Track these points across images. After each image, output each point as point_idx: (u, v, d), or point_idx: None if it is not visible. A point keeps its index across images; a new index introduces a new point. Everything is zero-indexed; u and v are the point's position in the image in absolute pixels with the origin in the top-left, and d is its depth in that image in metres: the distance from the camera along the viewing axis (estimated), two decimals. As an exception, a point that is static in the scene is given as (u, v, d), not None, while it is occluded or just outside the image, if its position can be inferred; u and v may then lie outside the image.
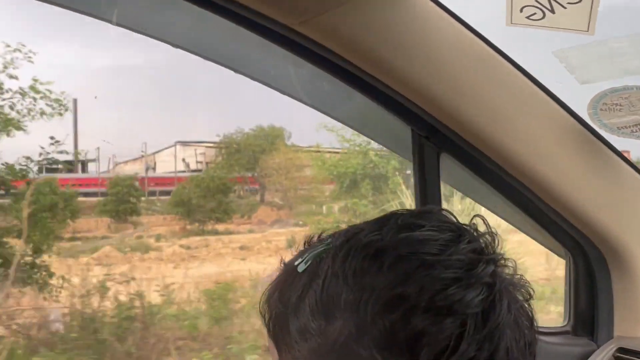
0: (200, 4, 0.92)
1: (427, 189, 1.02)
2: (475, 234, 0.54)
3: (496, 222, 1.10)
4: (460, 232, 0.53)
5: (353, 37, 0.93)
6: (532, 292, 0.56)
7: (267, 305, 0.58)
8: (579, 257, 1.15)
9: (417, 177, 1.03)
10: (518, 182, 1.06)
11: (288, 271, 0.57)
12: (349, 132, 9.30)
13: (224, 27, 0.97)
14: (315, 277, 0.52)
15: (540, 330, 1.16)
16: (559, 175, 1.07)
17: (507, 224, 1.19)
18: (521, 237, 1.26)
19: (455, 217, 0.57)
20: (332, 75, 0.97)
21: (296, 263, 0.55)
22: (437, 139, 1.03)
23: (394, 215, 0.55)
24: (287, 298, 0.54)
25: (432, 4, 0.96)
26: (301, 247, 0.60)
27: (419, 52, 0.95)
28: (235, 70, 1.15)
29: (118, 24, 1.07)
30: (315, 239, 0.59)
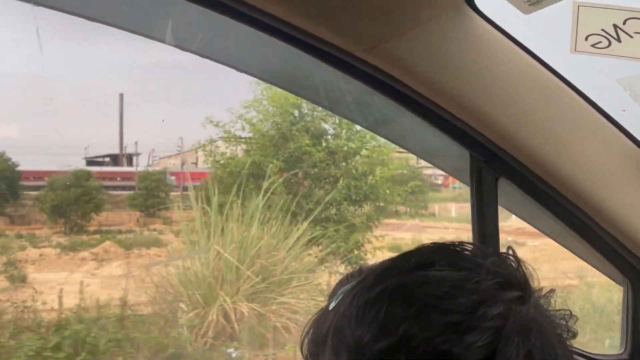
0: (264, 30, 0.95)
1: (484, 213, 1.02)
2: (496, 269, 0.52)
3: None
4: (475, 271, 0.51)
5: (415, 64, 0.94)
6: (570, 326, 0.54)
7: (304, 343, 0.60)
8: (637, 285, 1.13)
9: (475, 201, 1.03)
10: (576, 207, 1.05)
11: (322, 310, 0.59)
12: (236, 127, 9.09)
13: (279, 48, 1.00)
14: (335, 315, 0.55)
15: (596, 358, 1.15)
16: (618, 201, 1.05)
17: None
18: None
19: (479, 249, 0.55)
20: (393, 99, 0.99)
21: (330, 301, 0.58)
22: (495, 164, 1.03)
23: (419, 250, 0.56)
24: (317, 336, 0.57)
25: (494, 30, 0.96)
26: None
27: (480, 78, 0.96)
28: (285, 89, 1.17)
29: (176, 45, 1.10)
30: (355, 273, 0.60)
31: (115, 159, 10.81)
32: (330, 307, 0.57)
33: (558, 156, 1.01)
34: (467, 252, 0.55)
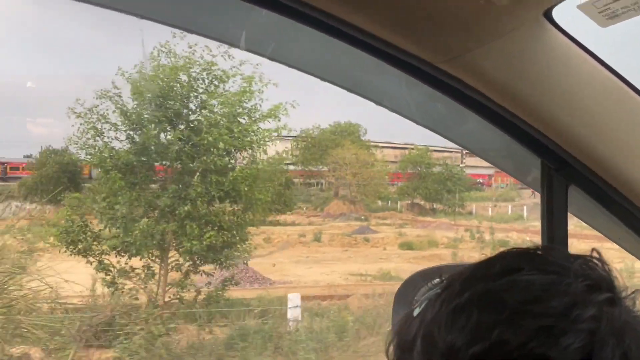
0: (344, 40, 0.99)
1: (554, 221, 1.05)
2: (583, 272, 0.53)
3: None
4: (563, 274, 0.52)
5: (494, 74, 0.97)
6: None
7: (389, 350, 0.62)
8: None
9: (545, 208, 1.06)
10: (645, 215, 1.07)
11: (406, 315, 0.61)
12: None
13: (347, 52, 1.04)
14: (422, 322, 0.56)
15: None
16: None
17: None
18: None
19: (563, 253, 0.57)
20: (467, 107, 1.02)
21: (414, 307, 0.60)
22: (566, 172, 1.05)
23: (502, 256, 0.57)
24: (403, 342, 0.59)
25: (571, 43, 0.99)
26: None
27: (556, 88, 0.98)
28: (350, 90, 1.21)
29: (248, 49, 1.16)
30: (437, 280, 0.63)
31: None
32: (415, 314, 0.59)
33: (629, 165, 1.03)
34: (552, 257, 0.56)
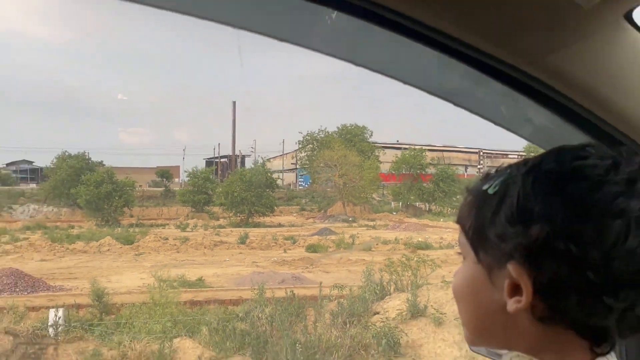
0: (436, 48, 1.00)
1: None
2: (628, 158, 0.67)
3: None
4: (617, 159, 0.67)
5: (575, 75, 1.00)
6: None
7: (463, 221, 0.75)
8: None
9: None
10: None
11: (478, 194, 0.74)
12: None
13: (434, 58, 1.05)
14: (506, 197, 0.69)
15: None
16: None
17: None
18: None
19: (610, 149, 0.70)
20: (549, 109, 1.04)
21: (484, 188, 0.73)
22: None
23: (563, 149, 0.70)
24: (482, 214, 0.71)
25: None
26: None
27: (637, 88, 1.01)
28: (432, 93, 1.21)
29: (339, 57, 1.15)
30: (493, 171, 0.76)
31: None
32: (491, 192, 0.71)
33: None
34: (602, 148, 0.70)
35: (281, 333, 7.99)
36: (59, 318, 8.53)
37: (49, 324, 8.43)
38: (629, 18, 0.97)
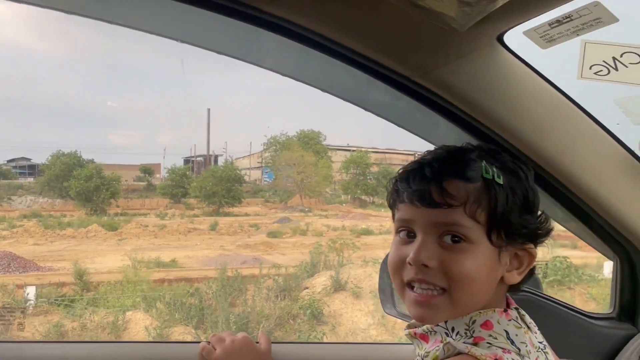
0: (342, 59, 1.21)
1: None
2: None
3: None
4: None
5: (458, 88, 1.21)
6: None
7: (471, 206, 0.85)
8: (624, 259, 1.43)
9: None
10: (579, 198, 1.34)
11: (486, 182, 0.87)
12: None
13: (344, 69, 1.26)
14: (515, 189, 0.89)
15: (591, 315, 1.45)
16: (612, 193, 1.34)
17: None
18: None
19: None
20: (440, 115, 1.26)
21: (488, 176, 0.88)
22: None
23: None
24: (498, 202, 0.86)
25: (519, 62, 1.23)
26: None
27: (509, 101, 1.23)
28: (350, 101, 1.43)
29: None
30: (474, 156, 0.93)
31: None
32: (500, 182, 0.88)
33: (567, 160, 1.29)
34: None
35: (222, 305, 9.25)
36: (28, 294, 9.48)
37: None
38: (500, 40, 1.18)
